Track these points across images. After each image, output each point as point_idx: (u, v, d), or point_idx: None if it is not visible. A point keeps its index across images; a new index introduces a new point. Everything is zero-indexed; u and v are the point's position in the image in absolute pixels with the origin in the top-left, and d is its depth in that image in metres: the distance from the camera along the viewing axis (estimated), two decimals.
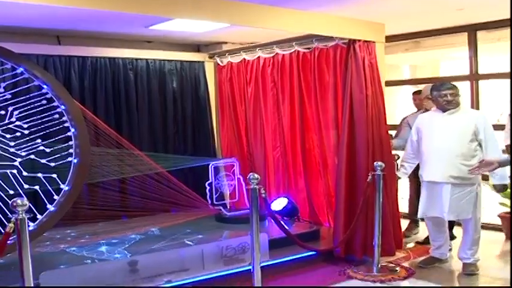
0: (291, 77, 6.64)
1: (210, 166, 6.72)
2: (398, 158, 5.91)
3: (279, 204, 6.75)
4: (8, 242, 3.46)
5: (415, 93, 6.66)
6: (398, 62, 8.88)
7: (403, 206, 6.50)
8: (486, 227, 6.30)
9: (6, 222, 3.39)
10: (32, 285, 3.38)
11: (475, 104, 6.84)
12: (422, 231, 6.37)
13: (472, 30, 6.86)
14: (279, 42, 6.63)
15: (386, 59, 5.99)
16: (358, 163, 5.52)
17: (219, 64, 7.67)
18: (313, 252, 5.47)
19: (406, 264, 5.49)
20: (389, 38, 6.24)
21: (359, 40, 5.55)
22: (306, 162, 6.66)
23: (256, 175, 4.42)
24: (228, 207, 6.97)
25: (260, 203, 4.42)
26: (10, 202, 3.39)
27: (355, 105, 5.55)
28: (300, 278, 5.16)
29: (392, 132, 6.41)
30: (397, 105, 7.64)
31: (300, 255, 5.45)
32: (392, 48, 7.10)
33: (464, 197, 5.02)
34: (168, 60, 7.35)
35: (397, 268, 5.38)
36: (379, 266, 5.28)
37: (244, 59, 7.23)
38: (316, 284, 4.98)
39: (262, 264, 4.59)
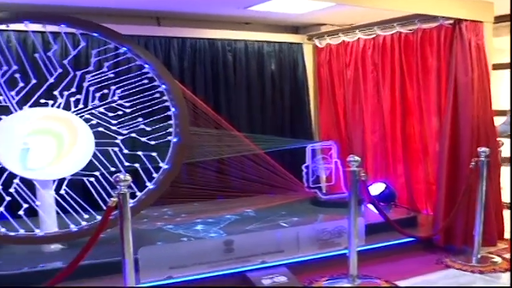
0: (392, 60, 6.59)
1: (307, 148, 6.81)
2: (503, 144, 5.81)
3: (376, 189, 6.75)
4: (110, 217, 3.66)
5: None
6: (507, 46, 8.09)
7: (506, 195, 6.32)
8: None
9: (107, 199, 3.59)
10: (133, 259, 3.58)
11: None
12: None
13: None
14: (380, 23, 6.60)
15: (495, 42, 5.80)
16: (461, 148, 5.42)
17: (317, 46, 7.70)
18: (411, 239, 5.44)
19: (507, 255, 5.36)
20: (499, 18, 6.03)
21: (465, 20, 5.44)
22: (406, 148, 6.61)
23: (356, 157, 4.45)
24: (324, 190, 7.04)
25: (360, 186, 4.45)
26: (112, 178, 3.59)
27: (459, 89, 5.45)
28: (395, 265, 5.16)
29: (499, 118, 6.24)
30: (504, 90, 7.21)
31: (396, 242, 5.45)
32: (501, 30, 6.82)
33: None
34: (266, 42, 7.45)
35: (498, 259, 5.28)
36: (479, 256, 5.21)
37: (344, 41, 7.23)
38: (412, 271, 4.97)
39: (359, 249, 4.64)
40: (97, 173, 5.04)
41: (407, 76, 6.44)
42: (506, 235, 5.75)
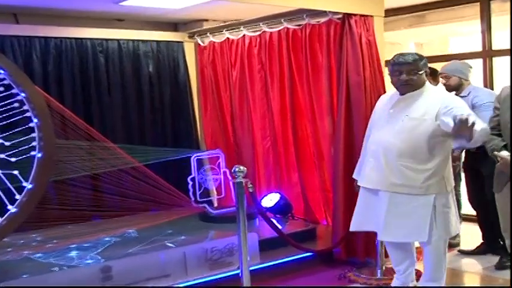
0: (280, 58, 6.66)
1: (192, 159, 6.73)
2: None
3: (270, 200, 6.80)
4: None
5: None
6: (401, 40, 8.90)
7: None
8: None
9: None
10: None
11: (489, 84, 6.86)
12: None
13: (485, 0, 6.83)
14: (266, 19, 6.64)
15: (387, 36, 5.96)
16: (356, 152, 5.42)
17: (199, 44, 7.67)
18: (310, 254, 5.49)
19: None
20: (390, 12, 6.23)
21: (355, 14, 5.55)
22: (299, 153, 6.70)
23: (241, 167, 4.46)
24: (214, 204, 7.01)
25: (248, 198, 4.44)
26: None
27: (351, 89, 5.54)
28: (294, 282, 5.18)
29: None
30: None
31: (294, 257, 5.48)
32: (393, 24, 7.11)
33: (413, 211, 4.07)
34: (142, 41, 7.36)
35: None
36: (384, 268, 5.27)
37: (228, 38, 7.22)
38: None
39: (252, 268, 4.63)
40: None
41: (296, 75, 6.53)
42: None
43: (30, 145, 5.06)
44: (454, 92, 5.66)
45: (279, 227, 5.33)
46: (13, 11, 6.46)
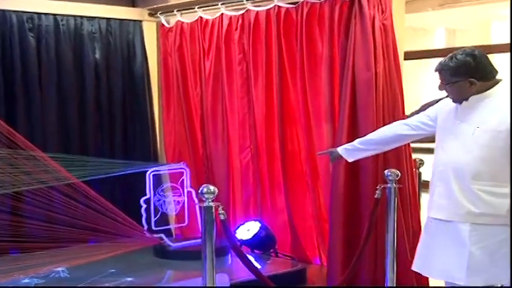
0: (267, 46, 6.35)
1: (148, 174, 6.32)
2: (422, 164, 5.69)
3: (247, 230, 6.42)
4: None
5: None
6: (427, 25, 8.35)
7: None
8: None
9: None
10: None
11: None
12: None
13: None
14: None
15: (410, 19, 5.80)
16: (362, 171, 5.29)
17: (163, 25, 7.29)
18: None
19: None
20: None
21: None
22: (288, 171, 6.37)
23: (211, 187, 4.11)
24: (174, 235, 6.74)
25: (218, 228, 4.20)
26: None
27: (358, 88, 5.31)
28: None
29: None
30: (424, 88, 7.12)
31: None
32: (418, 4, 6.57)
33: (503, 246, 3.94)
34: (87, 18, 6.92)
35: None
36: None
37: (201, 17, 6.89)
38: None
39: None
40: None
41: (288, 68, 6.25)
42: None
43: None
44: None
45: (258, 266, 5.01)
46: None
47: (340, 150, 4.79)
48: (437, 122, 4.21)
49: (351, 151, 4.71)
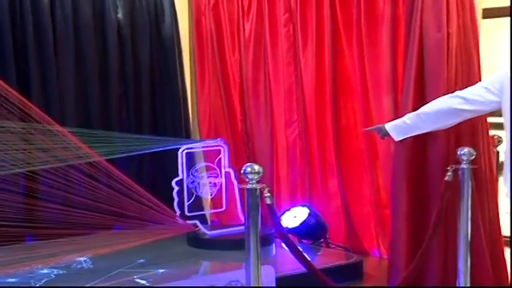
0: (318, 4, 6.15)
1: (180, 152, 6.08)
2: (501, 141, 5.40)
3: (294, 217, 6.23)
4: None
5: None
6: None
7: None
8: None
9: None
10: None
11: None
12: None
13: None
14: None
15: None
16: (430, 150, 4.99)
17: None
18: None
19: None
20: None
21: None
22: (342, 149, 6.19)
23: (256, 166, 3.87)
24: (210, 221, 6.60)
25: (263, 214, 3.97)
26: None
27: (427, 52, 5.00)
28: None
29: None
30: (505, 52, 6.82)
31: None
32: None
33: None
34: None
35: None
36: None
37: None
38: None
39: None
40: None
41: (343, 31, 6.04)
42: None
43: None
44: None
45: (308, 258, 4.61)
46: None
47: (388, 126, 4.79)
48: (503, 95, 4.18)
49: (398, 128, 4.67)
